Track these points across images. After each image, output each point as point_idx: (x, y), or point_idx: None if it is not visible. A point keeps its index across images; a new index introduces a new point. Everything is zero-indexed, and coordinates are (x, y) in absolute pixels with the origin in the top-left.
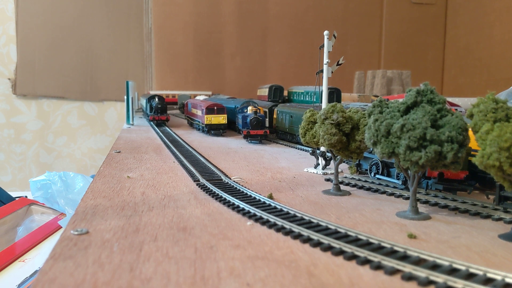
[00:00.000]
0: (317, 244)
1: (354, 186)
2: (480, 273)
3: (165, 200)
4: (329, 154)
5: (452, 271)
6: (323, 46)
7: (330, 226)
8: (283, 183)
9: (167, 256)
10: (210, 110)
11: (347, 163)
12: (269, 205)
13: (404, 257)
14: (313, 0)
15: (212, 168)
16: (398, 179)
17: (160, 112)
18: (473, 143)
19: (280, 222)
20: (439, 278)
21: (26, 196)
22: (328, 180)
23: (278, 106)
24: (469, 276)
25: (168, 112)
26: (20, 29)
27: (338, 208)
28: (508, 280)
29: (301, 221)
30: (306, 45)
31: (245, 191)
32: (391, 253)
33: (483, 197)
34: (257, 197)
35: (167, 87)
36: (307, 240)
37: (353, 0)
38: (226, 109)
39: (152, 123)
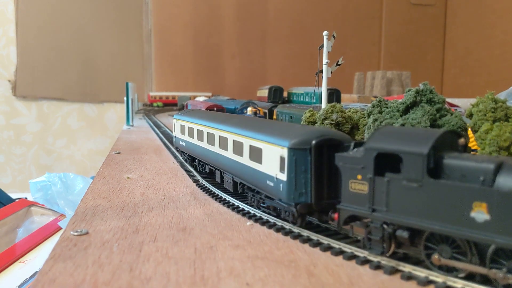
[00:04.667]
0: (317, 244)
1: None
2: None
3: (165, 201)
4: None
5: (450, 271)
6: (322, 46)
7: (330, 227)
8: None
9: (166, 256)
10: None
11: None
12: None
13: (404, 257)
14: (313, 1)
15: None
16: None
17: None
18: (472, 143)
19: (279, 222)
20: (439, 278)
21: (26, 198)
22: None
23: (277, 107)
24: (469, 277)
25: (168, 113)
26: (20, 31)
27: None
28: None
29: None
30: (306, 46)
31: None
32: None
33: None
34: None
35: (167, 89)
36: (307, 240)
37: (353, 1)
38: (226, 110)
39: None
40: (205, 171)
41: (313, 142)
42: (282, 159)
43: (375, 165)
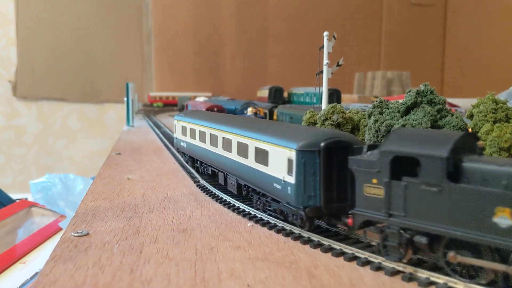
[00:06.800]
0: (318, 245)
1: None
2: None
3: (165, 202)
4: None
5: (453, 272)
6: (323, 47)
7: (331, 228)
8: None
9: (167, 258)
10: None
11: None
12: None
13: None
14: (313, 1)
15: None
16: None
17: None
18: None
19: (280, 223)
20: (440, 279)
21: (26, 198)
22: None
23: (278, 108)
24: (470, 277)
25: (168, 114)
26: (20, 31)
27: None
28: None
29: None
30: (306, 46)
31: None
32: None
33: None
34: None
35: (167, 89)
36: (308, 241)
37: (353, 2)
38: (226, 110)
39: None
40: (208, 173)
41: (322, 144)
42: (290, 161)
43: (392, 169)
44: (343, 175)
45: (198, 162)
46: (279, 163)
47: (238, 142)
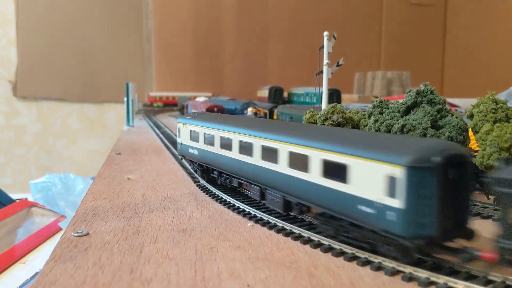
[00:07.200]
0: (318, 245)
1: None
2: (480, 275)
3: (165, 202)
4: None
5: (453, 273)
6: (323, 47)
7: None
8: None
9: (167, 258)
10: (210, 112)
11: None
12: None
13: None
14: (313, 1)
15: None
16: None
17: None
18: (473, 144)
19: (280, 223)
20: (440, 279)
21: (26, 198)
22: None
23: (278, 107)
24: (470, 278)
25: (168, 114)
26: (20, 31)
27: None
28: (508, 282)
29: (301, 223)
30: (306, 46)
31: (245, 193)
32: None
33: (484, 198)
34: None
35: (167, 89)
36: (308, 241)
37: (353, 2)
38: (226, 110)
39: None
40: (231, 185)
41: (439, 158)
42: (391, 179)
43: None
44: (458, 196)
45: (215, 172)
46: (370, 180)
47: (290, 152)
